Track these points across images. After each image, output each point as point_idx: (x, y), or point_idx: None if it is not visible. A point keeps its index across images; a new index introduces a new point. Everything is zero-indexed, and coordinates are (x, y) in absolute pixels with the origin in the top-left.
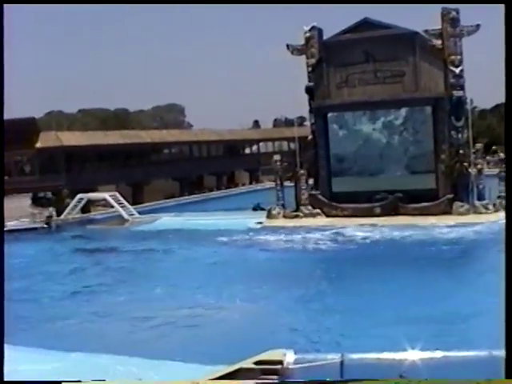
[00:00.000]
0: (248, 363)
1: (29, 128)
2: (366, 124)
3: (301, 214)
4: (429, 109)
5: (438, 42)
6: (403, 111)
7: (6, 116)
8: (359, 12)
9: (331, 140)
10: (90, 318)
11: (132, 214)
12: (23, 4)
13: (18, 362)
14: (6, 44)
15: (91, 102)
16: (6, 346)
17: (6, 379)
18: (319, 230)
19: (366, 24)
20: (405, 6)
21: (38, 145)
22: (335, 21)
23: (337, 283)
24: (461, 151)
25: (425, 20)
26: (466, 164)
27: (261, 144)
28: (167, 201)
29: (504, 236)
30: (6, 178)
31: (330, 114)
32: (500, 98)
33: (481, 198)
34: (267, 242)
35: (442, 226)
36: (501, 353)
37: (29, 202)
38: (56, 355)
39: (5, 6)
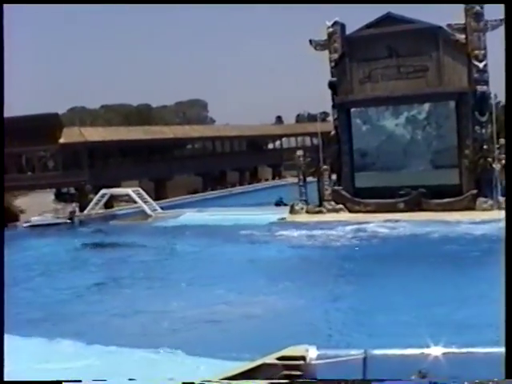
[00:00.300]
0: (271, 359)
1: (52, 124)
2: (389, 119)
3: (324, 210)
4: (452, 103)
5: (462, 37)
6: (426, 106)
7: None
8: (381, 7)
9: (354, 135)
10: (113, 313)
11: (155, 210)
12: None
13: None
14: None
15: (114, 97)
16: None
17: (6, 379)
18: (342, 225)
19: (388, 19)
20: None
21: (62, 140)
22: (358, 15)
23: (360, 281)
24: (485, 146)
25: (448, 14)
26: (489, 159)
27: (284, 139)
28: (190, 196)
29: (504, 236)
30: (29, 173)
31: (352, 109)
32: None
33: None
34: (290, 238)
35: (465, 222)
36: None
37: (52, 197)
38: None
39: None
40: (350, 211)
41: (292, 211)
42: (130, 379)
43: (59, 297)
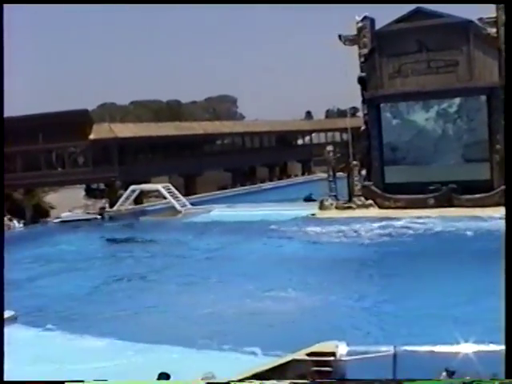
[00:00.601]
0: (300, 355)
1: (82, 120)
2: (420, 112)
3: (353, 206)
4: (483, 96)
5: (493, 31)
6: (457, 99)
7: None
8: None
9: (384, 129)
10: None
11: (184, 206)
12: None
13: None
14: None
15: (144, 93)
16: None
17: (6, 379)
18: (372, 221)
19: (418, 13)
20: None
21: (92, 136)
22: (387, 10)
23: (393, 281)
24: None
25: (479, 9)
26: None
27: (313, 135)
28: (220, 192)
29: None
30: (59, 169)
31: (382, 104)
32: None
33: None
34: (320, 234)
35: (496, 218)
36: None
37: (82, 193)
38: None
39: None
40: (380, 207)
41: (322, 207)
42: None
43: (93, 295)
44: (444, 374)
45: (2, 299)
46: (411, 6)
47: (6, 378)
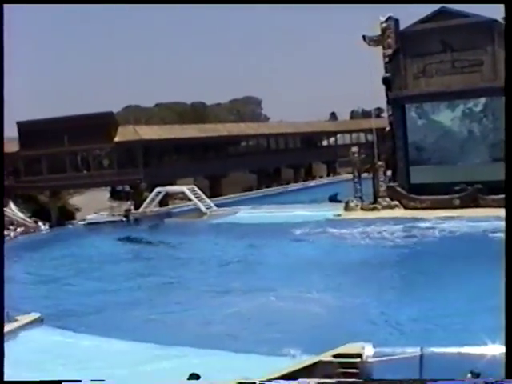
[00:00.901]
0: (327, 356)
1: (107, 122)
2: (445, 112)
3: (379, 207)
4: None
5: None
6: (483, 98)
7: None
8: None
9: (410, 129)
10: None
11: (210, 207)
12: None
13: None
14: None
15: (168, 96)
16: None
17: (6, 379)
18: (398, 222)
19: (442, 13)
20: None
21: (117, 139)
22: (411, 10)
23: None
24: None
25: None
26: None
27: (338, 136)
28: (245, 193)
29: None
30: (85, 172)
31: (408, 104)
32: None
33: None
34: (346, 235)
35: None
36: None
37: (107, 195)
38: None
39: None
40: (405, 208)
41: (347, 208)
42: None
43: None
44: (469, 376)
45: (2, 299)
46: (434, 7)
47: (6, 378)
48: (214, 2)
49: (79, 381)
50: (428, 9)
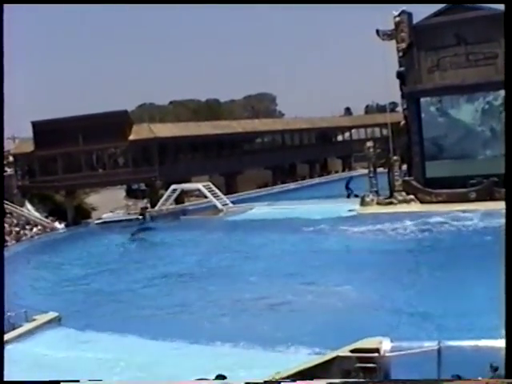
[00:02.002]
0: (344, 351)
1: (122, 121)
2: (465, 106)
3: (395, 201)
4: None
5: None
6: (502, 92)
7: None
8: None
9: (428, 123)
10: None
11: (226, 204)
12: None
13: None
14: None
15: (183, 93)
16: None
17: (6, 379)
18: (415, 217)
19: (456, 6)
20: None
21: (132, 137)
22: (424, 4)
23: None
24: None
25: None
26: None
27: (353, 131)
28: (260, 190)
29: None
30: (100, 170)
31: (425, 98)
32: None
33: None
34: (364, 231)
35: None
36: None
37: (123, 193)
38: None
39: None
40: (421, 202)
41: (363, 203)
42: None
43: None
44: (488, 369)
45: (2, 299)
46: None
47: (6, 378)
48: (227, 2)
49: (77, 381)
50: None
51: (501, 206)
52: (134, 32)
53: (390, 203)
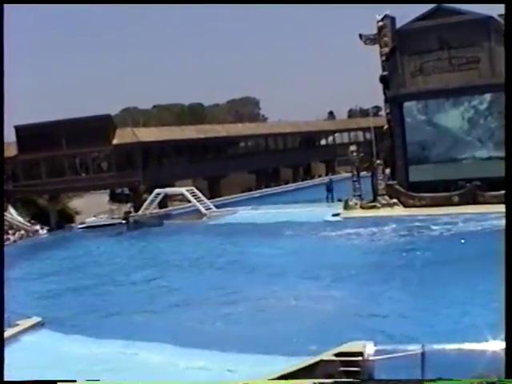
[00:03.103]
0: (328, 355)
1: (105, 125)
2: (449, 110)
3: (378, 205)
4: None
5: None
6: (488, 95)
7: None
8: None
9: (413, 127)
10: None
11: (209, 208)
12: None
13: None
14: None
15: (166, 97)
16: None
17: (6, 379)
18: (399, 221)
19: (439, 10)
20: None
21: (115, 141)
22: (407, 8)
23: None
24: None
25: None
26: None
27: (336, 135)
28: (244, 194)
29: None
30: (84, 175)
31: (410, 102)
32: None
33: None
34: (347, 234)
35: None
36: None
37: (107, 198)
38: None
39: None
40: (405, 205)
41: (346, 207)
42: None
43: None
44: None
45: (2, 300)
46: (431, 4)
47: (6, 378)
48: (210, 2)
49: (74, 381)
50: (425, 7)
51: (483, 209)
52: (118, 36)
53: (374, 207)
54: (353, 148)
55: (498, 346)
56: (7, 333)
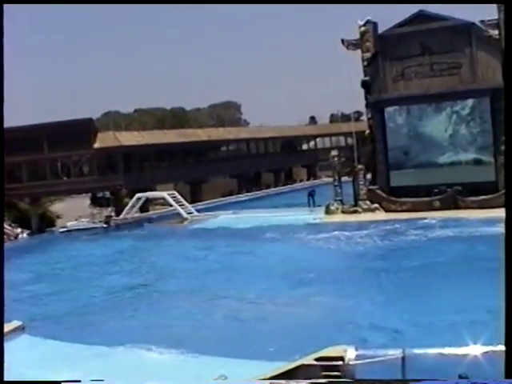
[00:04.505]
0: (309, 360)
1: (87, 129)
2: (432, 115)
3: (359, 210)
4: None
5: (495, 32)
6: (470, 101)
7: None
8: (413, 4)
9: (394, 132)
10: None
11: (190, 213)
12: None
13: None
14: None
15: (148, 101)
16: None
17: (6, 379)
18: (380, 225)
19: (421, 16)
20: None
21: (97, 145)
22: (390, 14)
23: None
24: None
25: (481, 11)
26: None
27: (318, 140)
28: (225, 198)
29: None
30: (65, 178)
31: (392, 107)
32: None
33: None
34: (329, 239)
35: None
36: None
37: (88, 202)
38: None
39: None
40: (386, 210)
41: (328, 211)
42: None
43: None
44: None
45: (2, 300)
46: (413, 10)
47: (6, 378)
48: (193, 2)
49: (79, 381)
50: (407, 12)
51: (462, 214)
52: (100, 39)
53: (355, 212)
54: (334, 153)
55: (477, 350)
56: None
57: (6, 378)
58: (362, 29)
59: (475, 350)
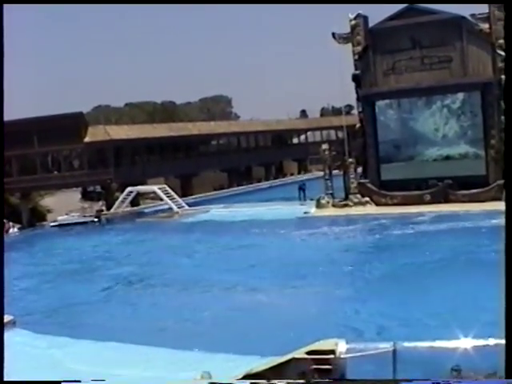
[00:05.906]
0: (300, 353)
1: (77, 123)
2: (422, 109)
3: (350, 203)
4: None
5: (486, 26)
6: (460, 94)
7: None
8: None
9: (385, 126)
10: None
11: (181, 207)
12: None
13: None
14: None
15: (138, 95)
16: None
17: (6, 379)
18: (370, 219)
19: (411, 10)
20: None
21: (87, 139)
22: (380, 7)
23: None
24: None
25: (471, 5)
26: None
27: (308, 133)
28: (216, 192)
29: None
30: (55, 172)
31: (383, 101)
32: None
33: None
34: (319, 233)
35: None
36: None
37: (79, 196)
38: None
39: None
40: (377, 204)
41: (318, 205)
42: None
43: None
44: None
45: (2, 300)
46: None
47: (5, 378)
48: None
49: (79, 381)
50: (397, 5)
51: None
52: (91, 34)
53: (346, 205)
54: (325, 146)
55: (469, 343)
56: None
57: (5, 378)
58: (353, 22)
59: (466, 343)
